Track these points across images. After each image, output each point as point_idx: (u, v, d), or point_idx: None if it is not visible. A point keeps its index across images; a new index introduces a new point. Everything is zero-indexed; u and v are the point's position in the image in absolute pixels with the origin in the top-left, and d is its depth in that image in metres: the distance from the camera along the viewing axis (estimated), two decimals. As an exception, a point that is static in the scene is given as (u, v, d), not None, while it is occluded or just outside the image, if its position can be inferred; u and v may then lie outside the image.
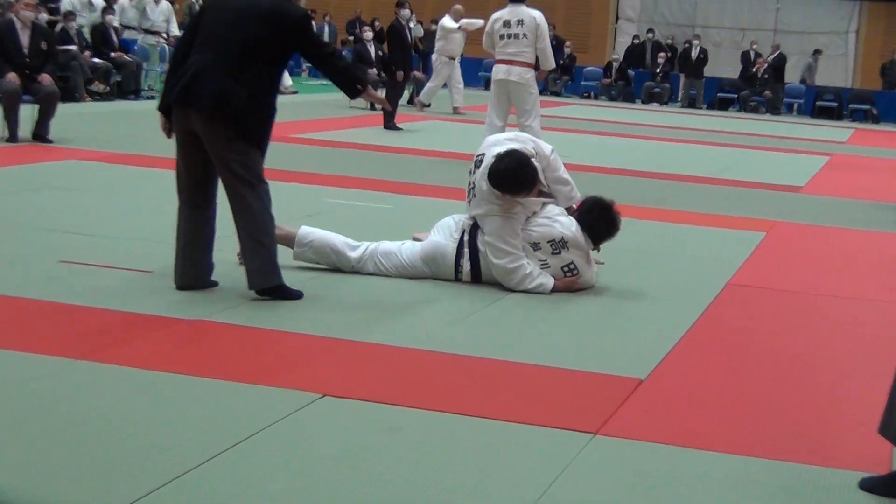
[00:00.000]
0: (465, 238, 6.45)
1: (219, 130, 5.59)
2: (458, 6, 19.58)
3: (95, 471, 3.53)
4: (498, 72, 11.83)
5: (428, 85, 20.19)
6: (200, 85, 5.63)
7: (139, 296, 5.69)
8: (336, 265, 6.50)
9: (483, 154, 6.48)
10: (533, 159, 6.39)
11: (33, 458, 3.59)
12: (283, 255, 6.52)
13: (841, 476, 3.93)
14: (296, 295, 5.80)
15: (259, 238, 5.67)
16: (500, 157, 6.28)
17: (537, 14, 11.74)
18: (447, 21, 19.26)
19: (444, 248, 6.46)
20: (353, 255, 6.49)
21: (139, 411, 4.09)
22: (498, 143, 6.55)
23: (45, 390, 4.26)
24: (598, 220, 6.47)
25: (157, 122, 5.95)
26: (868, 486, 3.82)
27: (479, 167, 6.42)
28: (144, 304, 5.54)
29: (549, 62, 11.85)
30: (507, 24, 11.76)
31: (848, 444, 4.28)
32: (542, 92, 13.02)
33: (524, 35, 11.62)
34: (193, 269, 5.83)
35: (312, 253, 6.51)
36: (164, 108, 5.84)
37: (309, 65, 28.79)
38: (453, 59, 19.75)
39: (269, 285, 5.70)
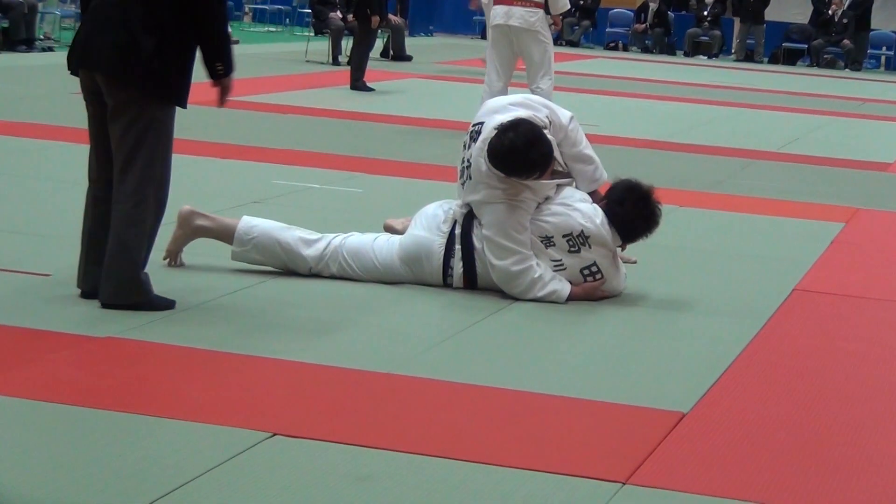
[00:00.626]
0: (457, 232, 6.47)
1: (124, 92, 5.64)
2: None
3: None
4: (496, 15, 11.81)
5: None
6: (99, 36, 5.67)
7: (35, 306, 5.69)
8: (288, 267, 6.51)
9: (481, 123, 6.48)
10: (546, 131, 6.39)
11: None
12: (221, 254, 6.55)
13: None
14: (165, 305, 5.75)
15: (126, 240, 5.66)
16: (504, 130, 6.28)
17: None
18: None
19: (430, 245, 6.47)
20: (311, 252, 6.49)
21: (39, 455, 4.11)
22: (501, 108, 6.55)
23: (-87, 429, 4.28)
24: (633, 213, 6.46)
25: (56, 81, 5.98)
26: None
27: (475, 140, 6.43)
28: (42, 317, 5.55)
29: (561, 2, 11.84)
30: None
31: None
32: (555, 42, 13.00)
33: None
34: (100, 270, 5.83)
35: (257, 252, 6.49)
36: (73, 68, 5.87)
37: (253, 6, 28.83)
38: None
39: (121, 303, 5.68)
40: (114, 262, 5.67)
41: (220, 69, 5.74)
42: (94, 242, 5.83)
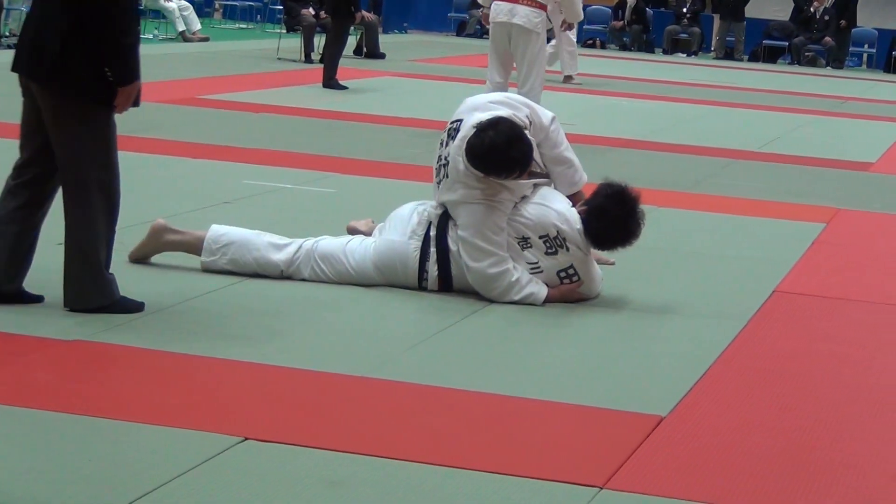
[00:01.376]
0: (432, 234, 6.46)
1: (49, 96, 5.60)
2: None
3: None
4: (498, 12, 11.86)
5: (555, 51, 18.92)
6: (24, 39, 5.69)
7: (2, 310, 5.68)
8: (259, 274, 6.50)
9: (459, 120, 6.48)
10: (526, 131, 6.39)
11: None
12: (191, 255, 6.56)
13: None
14: (133, 307, 5.74)
15: (84, 247, 5.64)
16: (483, 128, 6.28)
17: None
18: None
19: (404, 250, 6.46)
20: (281, 256, 6.49)
21: (10, 460, 4.12)
22: (481, 106, 6.55)
23: None
24: (613, 223, 6.42)
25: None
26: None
27: (454, 138, 6.43)
28: (9, 321, 5.53)
29: (575, 8, 11.88)
30: None
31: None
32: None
33: None
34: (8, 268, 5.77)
35: (227, 262, 6.46)
36: None
37: (224, 2, 28.80)
38: None
39: (86, 307, 5.66)
40: (73, 267, 5.67)
41: (109, 74, 5.56)
42: None
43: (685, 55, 27.40)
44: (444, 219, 6.45)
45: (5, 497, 3.83)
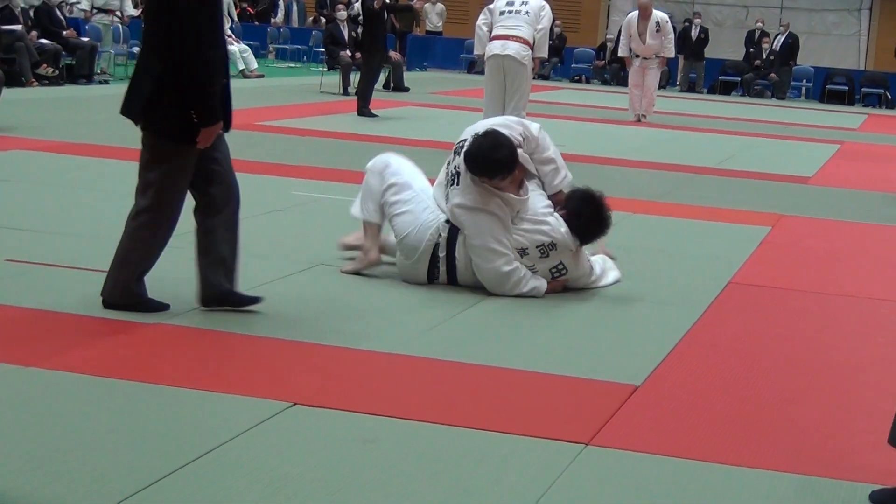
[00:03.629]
0: (441, 240, 6.40)
1: (142, 133, 5.56)
2: None
3: (52, 484, 3.55)
4: (493, 48, 11.86)
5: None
6: (130, 83, 5.62)
7: (93, 297, 5.69)
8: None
9: (465, 140, 6.51)
10: (522, 142, 6.43)
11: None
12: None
13: (851, 489, 3.98)
14: (159, 307, 5.57)
15: (129, 253, 5.55)
16: (476, 137, 6.35)
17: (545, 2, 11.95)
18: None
19: (418, 269, 6.49)
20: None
21: (96, 421, 4.11)
22: (480, 127, 6.59)
23: (-9, 400, 4.28)
24: (589, 220, 6.44)
25: (111, 109, 5.98)
26: (879, 498, 3.87)
27: (459, 154, 6.44)
28: (100, 307, 5.55)
29: (543, 50, 11.97)
30: (510, 2, 11.92)
31: (859, 456, 4.33)
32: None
33: (526, 13, 11.77)
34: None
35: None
36: None
37: (276, 45, 28.78)
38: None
39: (112, 302, 5.54)
40: (115, 268, 5.58)
41: (194, 116, 5.41)
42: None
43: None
44: (452, 231, 6.41)
45: (95, 453, 3.83)
